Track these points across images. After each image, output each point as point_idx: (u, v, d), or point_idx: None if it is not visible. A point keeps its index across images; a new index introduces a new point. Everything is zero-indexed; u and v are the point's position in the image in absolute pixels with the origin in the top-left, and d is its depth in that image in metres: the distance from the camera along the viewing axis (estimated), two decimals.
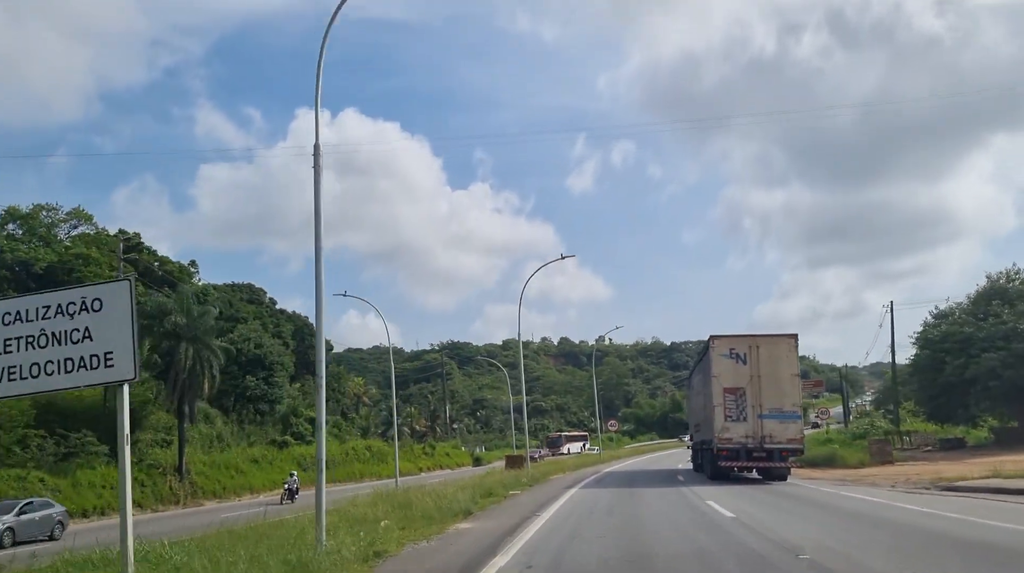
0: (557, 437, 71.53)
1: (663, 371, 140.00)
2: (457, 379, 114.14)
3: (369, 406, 67.80)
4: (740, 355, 18.95)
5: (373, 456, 43.72)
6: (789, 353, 18.76)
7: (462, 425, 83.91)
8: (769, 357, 18.69)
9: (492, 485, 17.51)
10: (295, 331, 55.65)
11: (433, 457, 51.31)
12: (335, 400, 59.70)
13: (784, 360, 18.66)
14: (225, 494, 30.60)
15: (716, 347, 19.40)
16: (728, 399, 18.80)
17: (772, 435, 18.22)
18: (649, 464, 37.27)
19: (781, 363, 18.63)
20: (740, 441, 18.48)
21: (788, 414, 18.34)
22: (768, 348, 18.83)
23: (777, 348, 18.81)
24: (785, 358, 18.67)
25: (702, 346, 24.00)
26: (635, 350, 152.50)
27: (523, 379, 29.76)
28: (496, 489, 16.96)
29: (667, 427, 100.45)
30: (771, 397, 18.43)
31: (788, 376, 18.56)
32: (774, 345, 18.91)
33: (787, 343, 18.94)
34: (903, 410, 42.88)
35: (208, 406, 38.37)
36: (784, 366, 18.62)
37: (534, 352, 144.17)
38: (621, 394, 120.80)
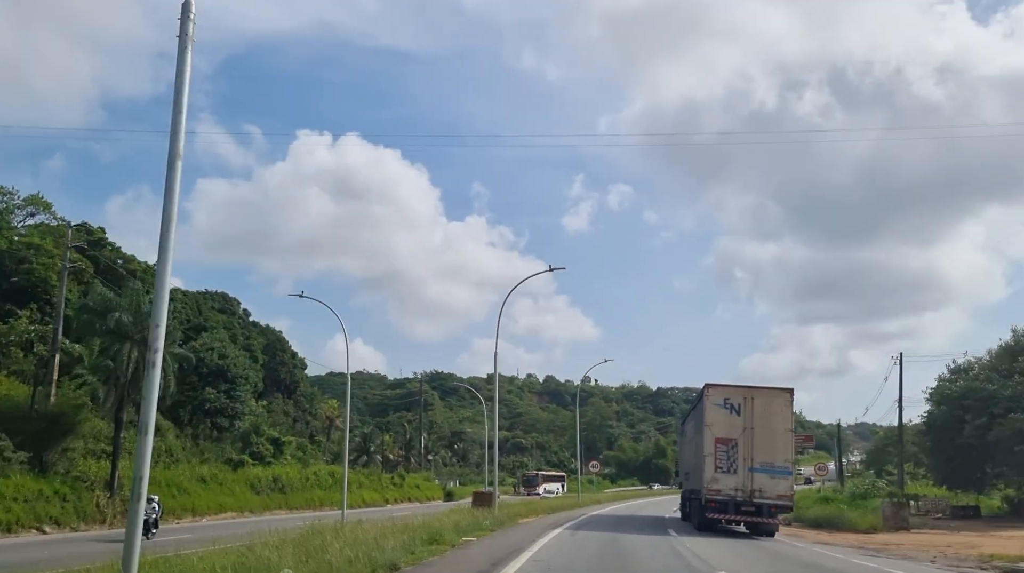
0: (533, 476, 72.78)
1: (648, 415, 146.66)
2: (438, 410, 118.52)
3: (342, 431, 68.38)
4: (734, 406, 19.96)
5: (336, 483, 43.70)
6: (784, 407, 19.74)
7: (438, 457, 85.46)
8: (764, 410, 19.69)
9: (442, 529, 15.37)
10: (267, 346, 56.27)
11: (402, 488, 51.91)
12: (304, 421, 60.28)
13: (778, 414, 19.64)
14: (163, 517, 30.59)
15: (710, 396, 20.41)
16: (719, 449, 19.76)
17: (762, 490, 19.15)
18: (634, 511, 37.07)
19: (775, 417, 19.61)
20: (729, 493, 19.39)
21: (779, 469, 19.28)
22: (763, 400, 19.85)
23: (772, 401, 19.82)
24: (780, 412, 19.66)
25: (696, 394, 25.01)
26: (620, 393, 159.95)
27: (497, 404, 28.04)
28: (445, 534, 14.80)
29: (649, 473, 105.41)
30: (763, 451, 19.39)
31: (782, 430, 19.53)
32: (769, 398, 19.93)
33: (783, 397, 19.95)
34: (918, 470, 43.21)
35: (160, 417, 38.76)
36: (778, 420, 19.60)
37: (518, 388, 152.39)
38: (604, 436, 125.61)
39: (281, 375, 58.30)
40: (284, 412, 56.84)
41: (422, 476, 62.03)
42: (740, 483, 19.40)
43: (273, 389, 58.41)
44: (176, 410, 39.57)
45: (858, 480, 43.12)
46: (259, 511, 34.95)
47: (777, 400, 19.90)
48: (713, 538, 18.92)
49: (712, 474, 19.70)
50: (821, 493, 39.71)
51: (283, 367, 59.25)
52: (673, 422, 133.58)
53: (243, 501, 35.05)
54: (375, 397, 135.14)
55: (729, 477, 19.52)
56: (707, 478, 19.78)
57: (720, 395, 20.35)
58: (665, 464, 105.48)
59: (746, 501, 19.25)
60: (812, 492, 42.40)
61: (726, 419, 19.96)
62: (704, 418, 20.51)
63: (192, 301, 49.70)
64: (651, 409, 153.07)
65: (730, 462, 19.63)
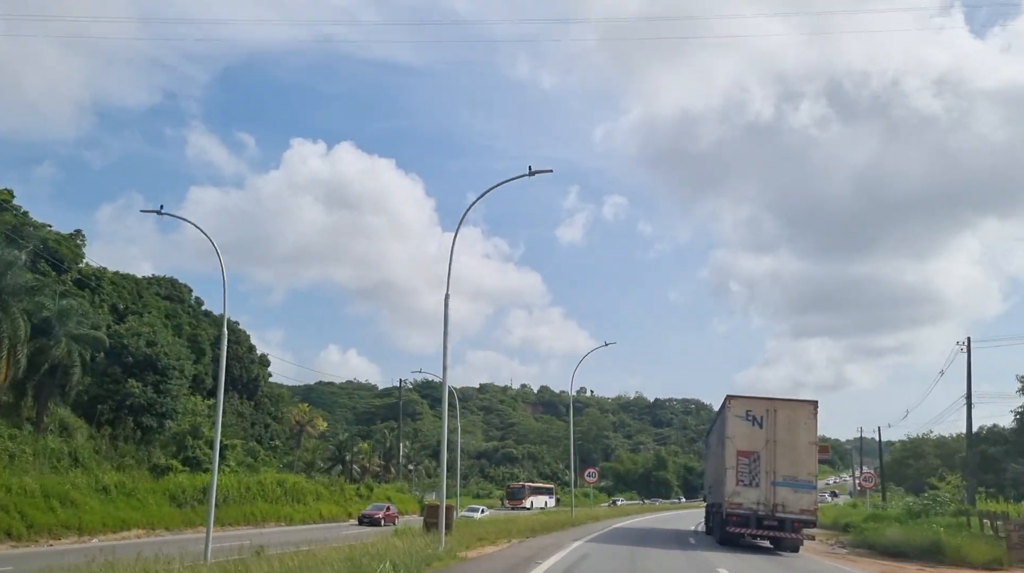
0: (519, 488, 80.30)
1: (645, 426, 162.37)
2: (427, 420, 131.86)
3: (315, 438, 74.58)
4: (757, 418, 24.74)
5: (286, 494, 46.25)
6: (808, 420, 24.56)
7: (421, 467, 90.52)
8: (787, 422, 24.50)
9: None
10: (218, 338, 58.42)
11: (369, 500, 54.12)
12: (263, 424, 63.15)
13: (802, 427, 24.45)
14: (31, 534, 28.56)
15: (732, 408, 25.13)
16: (741, 462, 24.53)
17: (785, 504, 23.95)
18: (652, 529, 37.01)
19: (799, 429, 24.43)
20: (751, 507, 24.16)
21: (803, 483, 24.12)
22: (786, 413, 24.66)
23: (796, 413, 24.64)
24: (803, 425, 24.47)
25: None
26: (616, 403, 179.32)
27: (446, 382, 24.36)
28: None
29: (649, 486, 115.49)
30: (786, 464, 24.20)
31: (805, 444, 24.36)
32: (793, 410, 24.74)
33: (807, 409, 24.79)
34: (948, 485, 46.68)
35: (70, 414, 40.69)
36: (802, 433, 24.42)
37: (512, 398, 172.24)
38: (600, 447, 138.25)
39: (236, 372, 60.42)
40: (238, 413, 59.15)
41: (395, 487, 66.46)
42: (762, 497, 24.12)
43: (227, 387, 59.78)
44: (91, 406, 41.72)
45: (921, 499, 42.74)
46: (178, 528, 35.57)
47: (800, 412, 24.68)
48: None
49: (733, 487, 24.43)
50: (863, 509, 42.80)
51: (237, 363, 61.09)
52: (672, 434, 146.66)
53: (157, 516, 35.48)
54: (364, 406, 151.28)
55: (751, 491, 24.26)
56: (728, 491, 24.51)
57: (742, 407, 25.07)
58: (666, 476, 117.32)
59: (768, 515, 23.96)
60: (845, 508, 46.75)
61: (748, 432, 24.69)
62: (726, 430, 25.22)
63: (131, 284, 51.73)
64: (649, 420, 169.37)
65: (752, 475, 24.38)
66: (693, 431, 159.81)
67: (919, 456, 76.23)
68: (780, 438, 24.45)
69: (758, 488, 24.29)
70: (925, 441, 78.44)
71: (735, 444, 24.76)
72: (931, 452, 75.94)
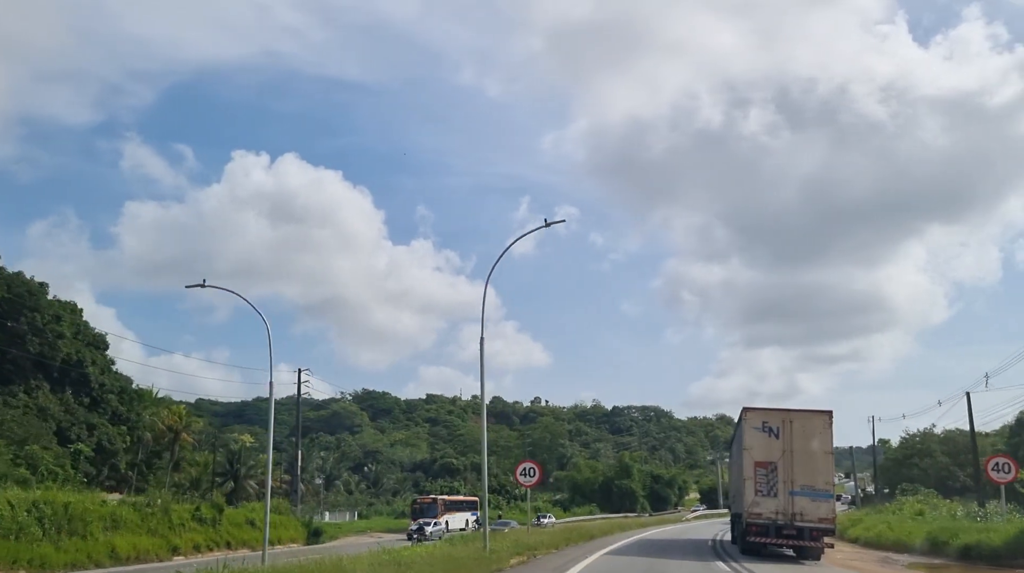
0: (430, 503, 61.61)
1: (604, 434, 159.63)
2: (367, 433, 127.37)
3: (195, 449, 67.52)
4: (773, 429, 25.79)
5: (49, 523, 29.06)
6: (824, 430, 25.66)
7: (341, 481, 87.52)
8: (803, 432, 25.58)
9: None
10: (7, 301, 48.11)
11: (216, 528, 39.94)
12: (83, 424, 51.18)
13: (818, 437, 25.54)
14: None
15: (748, 419, 26.21)
16: (759, 473, 25.55)
17: (803, 513, 24.99)
18: None
19: (815, 439, 25.50)
20: (770, 517, 25.19)
21: (820, 492, 25.20)
22: (802, 423, 25.75)
23: (811, 424, 25.73)
24: (819, 435, 25.57)
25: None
26: (573, 413, 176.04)
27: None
28: None
29: (611, 497, 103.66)
30: (803, 474, 25.25)
31: (821, 453, 25.45)
32: (808, 421, 25.84)
33: (822, 419, 25.90)
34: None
35: None
36: (818, 443, 25.51)
37: (461, 409, 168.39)
38: (555, 456, 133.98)
39: (34, 348, 49.46)
40: (38, 408, 48.42)
41: (275, 505, 50.12)
42: (781, 506, 25.15)
43: (36, 373, 50.03)
44: None
45: (953, 505, 40.88)
46: None
47: (816, 422, 25.79)
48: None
49: (753, 498, 25.47)
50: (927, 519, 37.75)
51: (37, 338, 49.59)
52: (633, 441, 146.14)
53: None
54: (303, 420, 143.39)
55: (769, 500, 25.30)
56: (748, 502, 25.56)
57: (758, 418, 26.14)
58: (630, 486, 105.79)
59: (787, 524, 24.99)
60: (864, 515, 45.44)
61: (765, 442, 25.75)
62: (743, 442, 26.30)
63: None
64: (607, 428, 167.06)
65: (770, 485, 25.41)
66: (655, 438, 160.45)
67: (925, 454, 70.56)
68: (796, 448, 25.45)
69: (776, 498, 25.28)
70: (930, 437, 73.11)
71: (752, 455, 25.77)
72: (938, 449, 70.56)
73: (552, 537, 32.55)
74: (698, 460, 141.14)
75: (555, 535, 34.72)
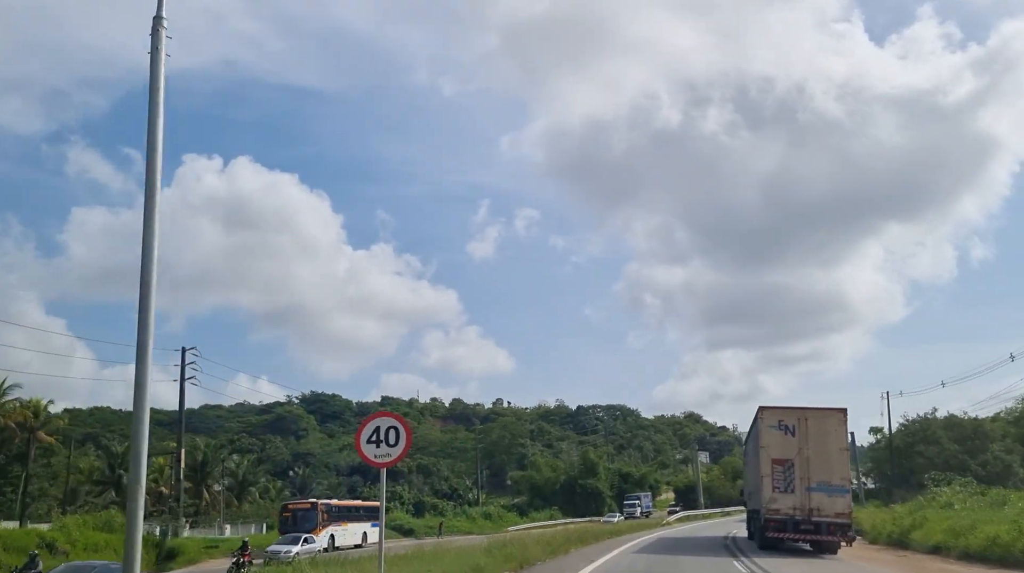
0: (306, 510, 47.62)
1: (568, 433, 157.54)
2: (313, 437, 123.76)
3: (61, 453, 61.17)
4: (789, 427, 26.88)
5: None
6: (838, 427, 26.85)
7: (257, 488, 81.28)
8: (818, 430, 26.69)
9: None
10: None
11: None
12: None
13: (833, 434, 26.70)
14: None
15: (765, 418, 27.27)
16: (776, 470, 26.61)
17: (820, 508, 26.09)
18: None
19: (830, 437, 26.64)
20: (788, 513, 26.26)
21: (836, 488, 26.31)
22: (817, 421, 26.87)
23: (826, 422, 26.87)
24: (834, 432, 26.73)
25: (752, 416, 31.71)
26: (536, 413, 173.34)
27: None
28: None
29: (575, 499, 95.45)
30: (819, 470, 26.35)
31: (837, 450, 26.60)
32: (823, 418, 26.97)
33: (836, 417, 27.06)
34: None
35: None
36: (833, 440, 26.65)
37: (418, 412, 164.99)
38: (515, 457, 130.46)
39: None
40: None
41: (82, 519, 41.61)
42: (798, 502, 26.24)
43: None
44: None
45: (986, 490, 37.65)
46: None
47: (831, 420, 26.93)
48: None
49: (770, 494, 26.52)
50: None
51: None
52: (599, 441, 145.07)
53: None
54: (245, 425, 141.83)
55: (787, 497, 26.38)
56: (765, 498, 26.61)
57: (774, 417, 27.22)
58: (596, 486, 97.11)
59: (805, 520, 26.10)
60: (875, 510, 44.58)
61: (781, 440, 26.82)
62: (759, 440, 27.35)
63: None
64: (572, 427, 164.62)
65: (787, 482, 26.49)
66: (621, 437, 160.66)
67: (931, 441, 65.22)
68: (812, 445, 26.53)
69: (793, 494, 26.35)
70: (932, 422, 68.26)
71: (769, 453, 26.82)
72: (944, 435, 65.94)
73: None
74: (668, 459, 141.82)
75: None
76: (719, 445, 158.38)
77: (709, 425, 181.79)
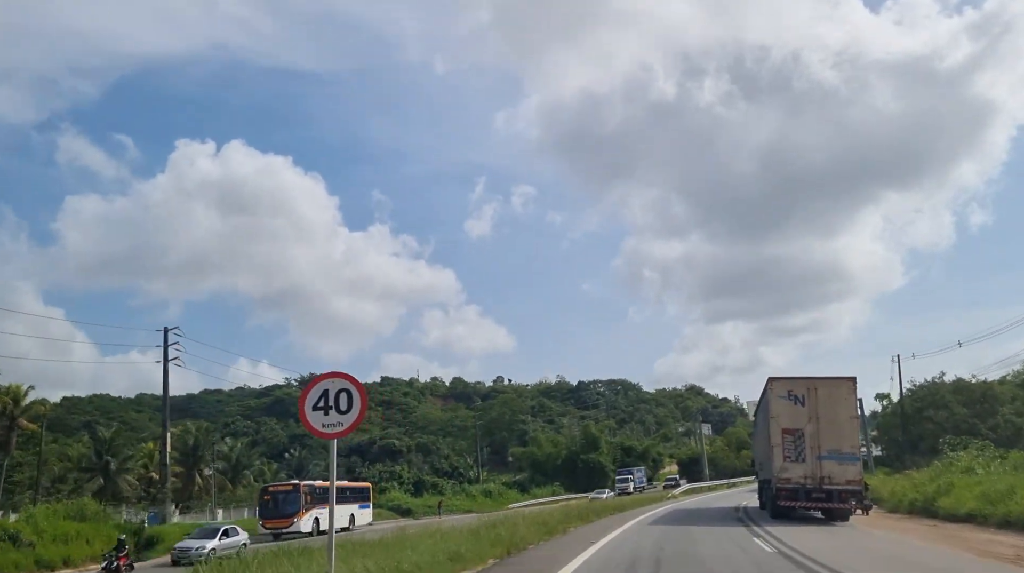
0: (289, 492, 44.37)
1: (569, 409, 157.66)
2: None
3: (48, 440, 60.14)
4: (798, 397, 27.06)
5: None
6: (848, 396, 27.06)
7: (252, 471, 79.38)
8: (828, 399, 26.89)
9: None
10: None
11: None
12: None
13: (842, 402, 26.90)
14: None
15: (774, 389, 27.45)
16: (787, 439, 26.84)
17: (831, 476, 26.34)
18: None
19: (839, 405, 26.85)
20: (799, 481, 26.51)
21: (847, 456, 26.56)
22: (826, 390, 27.04)
23: (836, 390, 27.04)
24: (844, 401, 26.93)
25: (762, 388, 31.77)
26: (537, 390, 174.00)
27: None
28: None
29: (576, 474, 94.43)
30: (830, 439, 26.58)
31: (846, 418, 26.82)
32: (833, 387, 27.14)
33: (846, 386, 27.23)
34: None
35: None
36: (842, 408, 26.86)
37: (419, 391, 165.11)
38: (516, 434, 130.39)
39: None
40: None
41: (52, 508, 37.25)
42: (809, 471, 26.49)
43: None
44: None
45: None
46: None
47: (840, 389, 27.11)
48: None
49: (781, 464, 26.76)
50: None
51: None
52: (600, 416, 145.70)
53: None
54: (245, 409, 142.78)
55: (798, 466, 26.61)
56: (776, 468, 26.84)
57: (784, 388, 27.39)
58: (599, 460, 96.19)
59: (816, 488, 26.36)
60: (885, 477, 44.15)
61: (791, 410, 27.03)
62: (769, 410, 27.55)
63: None
64: (573, 403, 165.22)
65: (798, 451, 26.73)
66: (623, 411, 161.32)
67: (940, 406, 63.97)
68: (822, 414, 26.76)
69: (804, 463, 26.60)
70: (941, 387, 67.26)
71: (779, 423, 27.05)
72: (953, 400, 64.68)
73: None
74: (670, 432, 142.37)
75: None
76: (721, 417, 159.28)
77: (711, 397, 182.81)
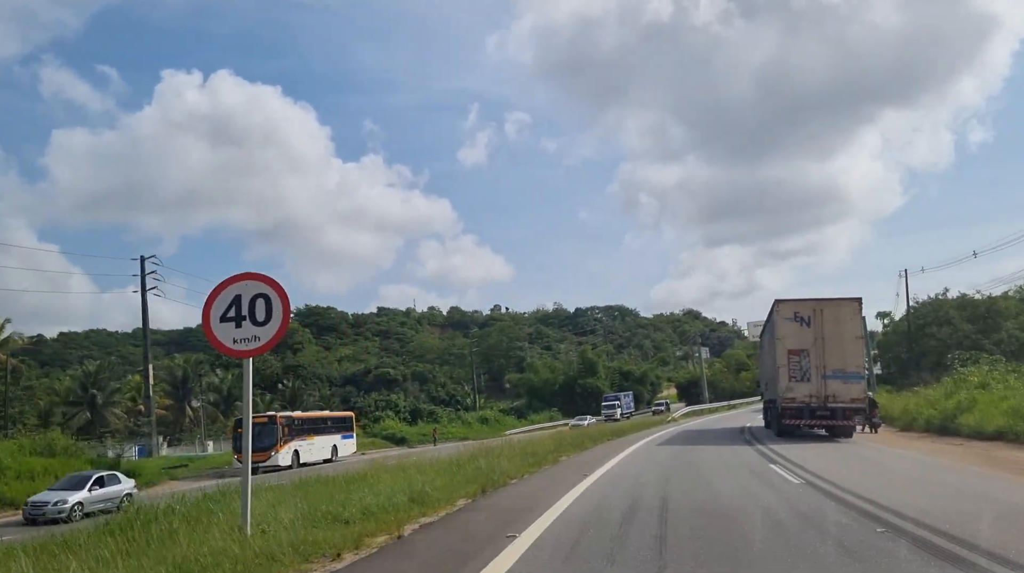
0: (264, 422, 41.31)
1: (566, 335, 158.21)
2: (309, 350, 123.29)
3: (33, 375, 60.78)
4: (804, 318, 27.49)
5: None
6: (853, 316, 27.50)
7: (240, 403, 75.26)
8: (833, 320, 27.31)
9: None
10: None
11: None
12: None
13: (848, 323, 27.33)
14: None
15: (780, 311, 27.87)
16: (792, 360, 27.36)
17: (835, 395, 26.97)
18: None
19: (845, 326, 27.28)
20: (804, 400, 27.15)
21: (851, 374, 27.15)
22: (832, 311, 27.45)
23: (841, 311, 27.45)
24: (849, 321, 27.36)
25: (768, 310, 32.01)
26: (534, 318, 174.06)
27: None
28: None
29: (574, 399, 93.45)
30: (835, 358, 27.10)
31: (852, 338, 27.28)
32: (838, 308, 27.54)
33: (851, 306, 27.65)
34: None
35: None
36: (847, 328, 27.30)
37: (415, 321, 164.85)
38: (513, 361, 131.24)
39: None
40: None
41: (18, 444, 37.18)
42: (814, 390, 27.11)
43: None
44: None
45: None
46: None
47: (845, 310, 27.53)
48: None
49: (787, 383, 27.35)
50: None
51: None
52: (598, 342, 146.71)
53: None
54: None
55: (803, 385, 27.21)
56: (782, 387, 27.43)
57: (790, 310, 27.82)
58: (596, 385, 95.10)
59: (821, 406, 27.03)
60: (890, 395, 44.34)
61: (797, 331, 27.50)
62: (775, 332, 28.03)
63: None
64: (570, 329, 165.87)
65: (803, 371, 27.29)
66: (620, 337, 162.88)
67: (943, 322, 63.89)
68: (828, 335, 27.23)
69: (809, 382, 27.20)
70: (944, 303, 67.58)
71: (785, 344, 27.55)
72: (956, 315, 64.44)
73: None
74: (668, 356, 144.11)
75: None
76: (719, 340, 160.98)
77: (708, 321, 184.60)
